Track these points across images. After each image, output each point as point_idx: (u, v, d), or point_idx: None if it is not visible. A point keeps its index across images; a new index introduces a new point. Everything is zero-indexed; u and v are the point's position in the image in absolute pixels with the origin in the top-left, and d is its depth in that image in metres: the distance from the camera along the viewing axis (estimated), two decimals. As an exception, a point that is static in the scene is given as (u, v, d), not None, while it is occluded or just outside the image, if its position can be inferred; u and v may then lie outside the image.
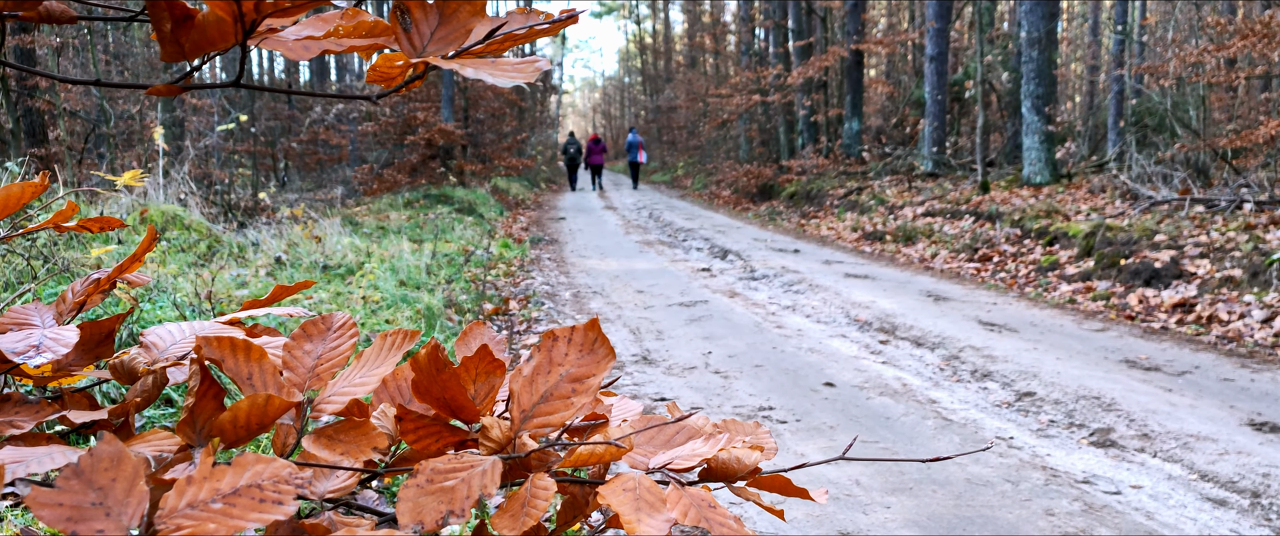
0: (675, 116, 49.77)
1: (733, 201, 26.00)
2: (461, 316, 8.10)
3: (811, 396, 6.03)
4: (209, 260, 9.33)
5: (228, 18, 0.67)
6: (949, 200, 16.20)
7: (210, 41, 0.70)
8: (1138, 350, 7.22)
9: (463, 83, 27.80)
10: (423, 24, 0.73)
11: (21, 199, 1.07)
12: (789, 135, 28.04)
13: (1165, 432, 5.22)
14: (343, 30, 0.72)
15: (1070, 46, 33.61)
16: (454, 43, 0.73)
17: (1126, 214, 12.08)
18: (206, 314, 6.00)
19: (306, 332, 0.93)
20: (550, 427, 0.86)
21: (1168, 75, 15.56)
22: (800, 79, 24.61)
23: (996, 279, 10.98)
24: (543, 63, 0.70)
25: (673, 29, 63.55)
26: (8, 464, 0.79)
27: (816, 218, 19.18)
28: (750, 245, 14.90)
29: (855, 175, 21.95)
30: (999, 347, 7.28)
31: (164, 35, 0.72)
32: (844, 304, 9.30)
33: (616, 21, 75.59)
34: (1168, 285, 9.12)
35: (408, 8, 0.73)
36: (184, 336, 0.97)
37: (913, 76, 26.58)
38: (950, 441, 5.11)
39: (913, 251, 13.56)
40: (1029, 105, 15.79)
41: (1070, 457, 4.89)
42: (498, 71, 0.67)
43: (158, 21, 0.72)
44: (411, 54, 0.74)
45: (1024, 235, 12.44)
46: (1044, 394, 6.02)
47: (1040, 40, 15.65)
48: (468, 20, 0.73)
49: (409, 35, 0.73)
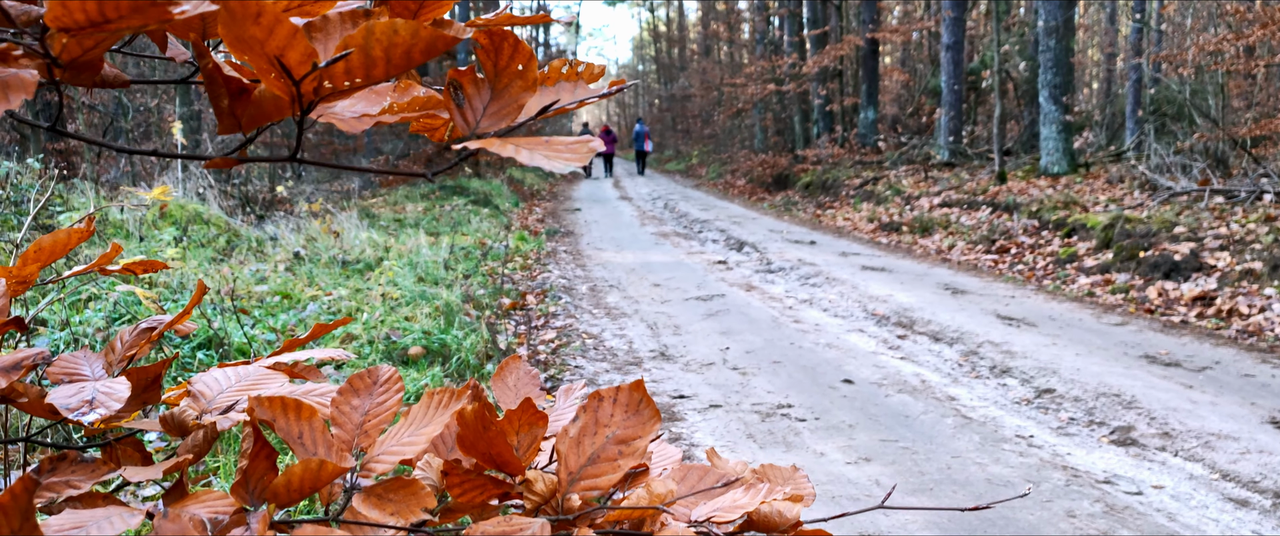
0: (689, 105, 49.70)
1: (748, 191, 25.96)
2: (480, 312, 8.13)
3: (830, 393, 6.04)
4: (228, 255, 9.38)
5: (285, 96, 0.68)
6: (966, 190, 16.14)
7: (266, 115, 0.72)
8: (1157, 345, 7.19)
9: (477, 73, 27.89)
10: (475, 99, 0.74)
11: (68, 245, 1.09)
12: (804, 124, 27.98)
13: (1186, 431, 5.20)
14: (397, 106, 0.73)
15: (1087, 33, 33.37)
16: (506, 118, 0.74)
17: (1145, 205, 12.01)
18: (229, 313, 6.04)
19: (354, 387, 0.95)
20: (597, 490, 0.88)
21: (1187, 63, 15.45)
22: (816, 68, 24.53)
23: (1014, 271, 10.94)
24: (596, 143, 0.71)
25: (686, 17, 63.38)
26: (68, 530, 0.81)
27: (832, 208, 19.14)
28: (766, 236, 14.89)
29: (871, 165, 21.88)
30: (1018, 342, 7.27)
31: (220, 109, 0.73)
32: (861, 297, 9.30)
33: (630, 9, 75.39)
34: (1187, 278, 9.08)
35: (460, 83, 0.74)
36: (231, 384, 0.99)
37: (928, 64, 26.46)
38: (970, 440, 5.11)
39: (929, 242, 13.52)
40: (1047, 95, 15.71)
41: (1091, 456, 4.89)
42: (553, 153, 0.67)
43: (215, 97, 0.73)
44: (464, 129, 0.75)
45: (1042, 226, 12.39)
46: (1064, 390, 6.01)
47: (1058, 29, 15.56)
48: (519, 95, 0.74)
49: (461, 110, 0.74)
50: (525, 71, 0.73)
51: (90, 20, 0.61)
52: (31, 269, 0.98)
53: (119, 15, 0.60)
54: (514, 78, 0.74)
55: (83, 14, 0.61)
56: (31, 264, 0.99)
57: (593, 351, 7.30)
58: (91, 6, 0.60)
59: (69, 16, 0.61)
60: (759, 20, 34.00)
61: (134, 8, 0.59)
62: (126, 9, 0.59)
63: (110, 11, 0.60)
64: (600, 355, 7.20)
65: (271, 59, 0.64)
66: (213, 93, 0.73)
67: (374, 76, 0.68)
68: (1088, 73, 32.91)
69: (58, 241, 1.06)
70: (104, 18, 0.61)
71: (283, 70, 0.65)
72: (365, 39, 0.64)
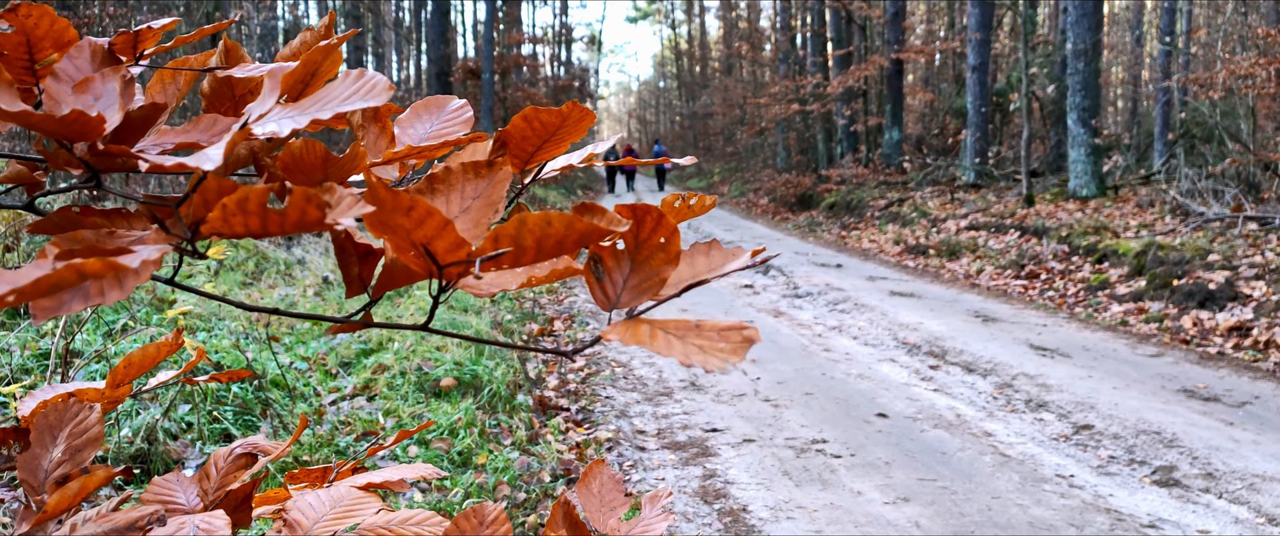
0: (711, 122, 49.71)
1: (771, 210, 25.90)
2: (509, 336, 8.12)
3: (864, 428, 5.98)
4: (257, 278, 9.40)
5: (423, 272, 0.66)
6: (993, 213, 16.04)
7: (396, 282, 0.70)
8: (1195, 377, 7.10)
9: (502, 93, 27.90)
10: (615, 272, 0.72)
11: (156, 359, 1.07)
12: (828, 143, 27.92)
13: (1229, 472, 5.12)
14: (536, 279, 0.71)
15: (1112, 52, 33.20)
16: (648, 292, 0.71)
17: (1177, 231, 11.89)
18: (263, 342, 6.05)
19: (460, 529, 0.92)
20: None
21: (1216, 86, 15.32)
22: (840, 88, 24.49)
23: (1045, 298, 10.84)
24: (751, 331, 0.68)
25: (708, 34, 63.50)
26: None
27: (857, 229, 19.06)
28: (792, 259, 14.83)
29: (895, 185, 21.79)
30: (1053, 375, 7.18)
31: (349, 275, 0.71)
32: (891, 325, 9.23)
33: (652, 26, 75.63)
34: (1223, 307, 8.97)
35: (600, 256, 0.72)
36: (325, 510, 0.96)
37: (952, 84, 26.36)
38: (1009, 479, 5.05)
39: (957, 267, 13.43)
40: (1075, 117, 15.60)
41: (1134, 498, 4.81)
42: (706, 343, 0.64)
43: (345, 263, 0.71)
44: (605, 305, 0.72)
45: (1072, 251, 12.28)
46: (1102, 427, 5.93)
47: (1086, 51, 15.47)
48: (661, 268, 0.71)
49: (602, 283, 0.72)
50: (668, 244, 0.71)
51: (250, 232, 0.59)
52: (124, 390, 0.96)
53: (281, 230, 0.58)
54: (655, 250, 0.72)
55: (244, 228, 0.59)
56: (123, 383, 0.97)
57: (622, 381, 7.27)
58: (254, 223, 0.58)
59: (228, 228, 0.59)
60: (783, 40, 34.01)
61: (298, 224, 0.57)
62: (291, 225, 0.57)
63: (273, 228, 0.58)
64: (630, 384, 7.17)
65: (417, 245, 0.61)
66: (343, 259, 0.71)
67: (521, 263, 0.65)
68: (1112, 92, 32.73)
69: (147, 355, 1.04)
70: (266, 232, 0.59)
71: (428, 256, 0.62)
72: (517, 230, 0.62)
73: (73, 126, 0.65)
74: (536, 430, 5.83)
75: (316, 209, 0.56)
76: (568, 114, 0.81)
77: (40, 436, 0.99)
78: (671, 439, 5.85)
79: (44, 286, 0.51)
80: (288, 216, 0.57)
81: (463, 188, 0.76)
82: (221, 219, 0.57)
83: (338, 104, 0.64)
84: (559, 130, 0.83)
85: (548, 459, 5.31)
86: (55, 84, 0.78)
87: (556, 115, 0.81)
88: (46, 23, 0.80)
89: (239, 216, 0.57)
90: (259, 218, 0.57)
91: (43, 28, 0.80)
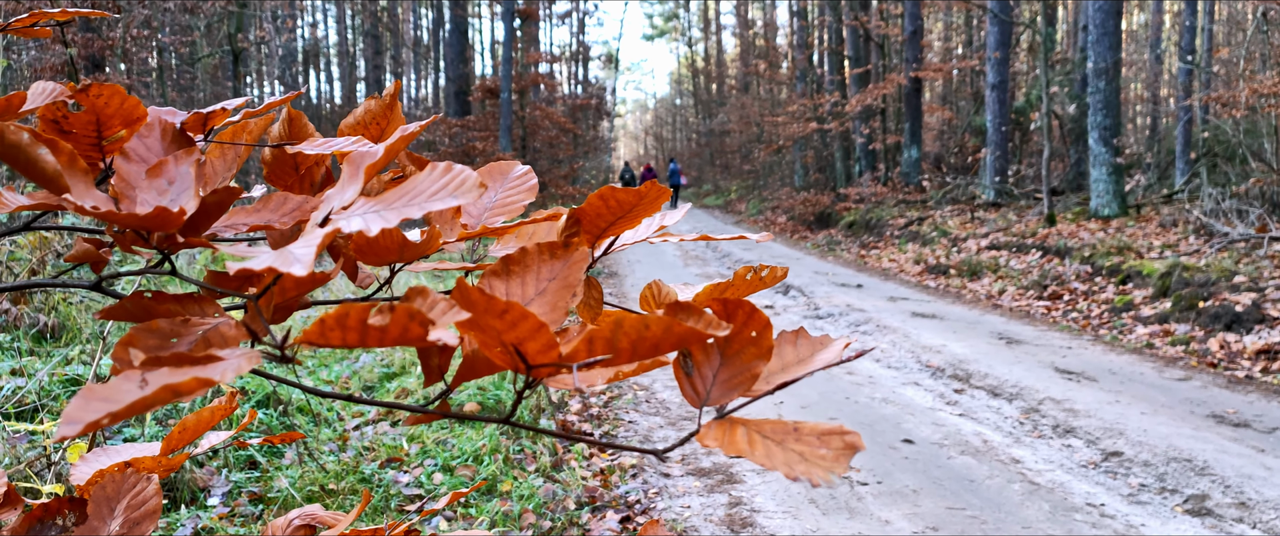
0: (728, 140, 49.73)
1: (789, 229, 25.85)
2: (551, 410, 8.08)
3: (891, 454, 5.93)
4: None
5: (505, 366, 0.65)
6: (1014, 232, 15.96)
7: (476, 375, 0.68)
8: (1224, 402, 7.02)
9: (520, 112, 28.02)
10: (705, 366, 0.70)
11: (211, 423, 1.06)
12: (846, 162, 27.87)
13: (1263, 501, 5.05)
14: (624, 373, 0.70)
15: (1131, 70, 33.08)
16: (739, 387, 0.69)
17: (1202, 252, 11.80)
18: (289, 368, 6.05)
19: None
20: None
21: (1239, 104, 15.22)
22: (858, 106, 24.46)
23: (1068, 319, 10.76)
24: (853, 437, 0.66)
25: (725, 52, 63.61)
26: None
27: (877, 248, 19.00)
28: (812, 279, 14.78)
29: (915, 204, 21.72)
30: (1079, 399, 7.12)
31: (429, 366, 0.70)
32: (914, 347, 9.17)
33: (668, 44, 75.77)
34: (1250, 330, 8.88)
35: (690, 351, 0.70)
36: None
37: (971, 102, 26.30)
38: (1039, 508, 4.99)
39: (979, 287, 13.35)
40: (1097, 136, 15.53)
41: (1166, 528, 4.75)
42: (807, 450, 0.63)
43: (425, 355, 0.69)
44: (695, 400, 0.70)
45: (1095, 272, 12.20)
46: (1132, 454, 5.86)
47: (1107, 70, 15.41)
48: (752, 363, 0.69)
49: (691, 378, 0.70)
50: (760, 338, 0.69)
51: (346, 345, 0.58)
52: (180, 458, 0.95)
53: (380, 344, 0.57)
54: (747, 344, 0.70)
55: (341, 341, 0.57)
56: (178, 449, 0.96)
57: (645, 405, 7.24)
58: (353, 338, 0.57)
59: (324, 341, 0.57)
60: (800, 57, 34.03)
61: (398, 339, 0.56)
62: (391, 340, 0.56)
63: (372, 342, 0.57)
64: (653, 408, 7.14)
65: (507, 345, 0.60)
66: (423, 353, 0.69)
67: (615, 364, 0.64)
68: (1132, 109, 32.60)
69: (201, 420, 1.03)
70: (364, 345, 0.57)
71: (518, 355, 0.61)
72: (613, 334, 0.60)
73: (153, 221, 0.64)
74: (560, 455, 5.81)
75: (420, 326, 0.54)
76: (644, 194, 0.80)
77: (97, 509, 0.98)
78: (696, 465, 5.81)
79: (140, 408, 0.49)
80: (388, 333, 0.55)
81: (538, 269, 0.75)
82: (320, 333, 0.56)
83: (426, 200, 0.63)
84: (635, 209, 0.81)
85: (573, 486, 5.29)
86: (126, 165, 0.77)
87: (634, 195, 0.80)
88: (117, 102, 0.79)
89: (338, 332, 0.56)
90: (359, 333, 0.56)
91: (113, 107, 0.79)
